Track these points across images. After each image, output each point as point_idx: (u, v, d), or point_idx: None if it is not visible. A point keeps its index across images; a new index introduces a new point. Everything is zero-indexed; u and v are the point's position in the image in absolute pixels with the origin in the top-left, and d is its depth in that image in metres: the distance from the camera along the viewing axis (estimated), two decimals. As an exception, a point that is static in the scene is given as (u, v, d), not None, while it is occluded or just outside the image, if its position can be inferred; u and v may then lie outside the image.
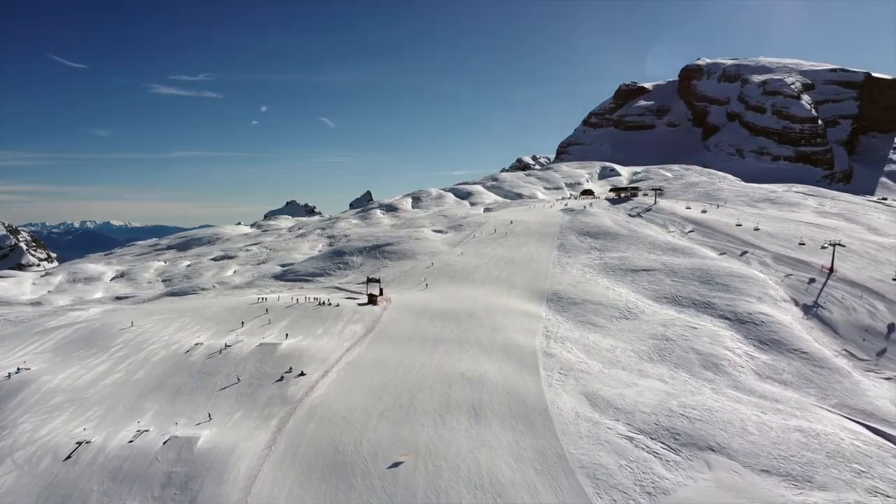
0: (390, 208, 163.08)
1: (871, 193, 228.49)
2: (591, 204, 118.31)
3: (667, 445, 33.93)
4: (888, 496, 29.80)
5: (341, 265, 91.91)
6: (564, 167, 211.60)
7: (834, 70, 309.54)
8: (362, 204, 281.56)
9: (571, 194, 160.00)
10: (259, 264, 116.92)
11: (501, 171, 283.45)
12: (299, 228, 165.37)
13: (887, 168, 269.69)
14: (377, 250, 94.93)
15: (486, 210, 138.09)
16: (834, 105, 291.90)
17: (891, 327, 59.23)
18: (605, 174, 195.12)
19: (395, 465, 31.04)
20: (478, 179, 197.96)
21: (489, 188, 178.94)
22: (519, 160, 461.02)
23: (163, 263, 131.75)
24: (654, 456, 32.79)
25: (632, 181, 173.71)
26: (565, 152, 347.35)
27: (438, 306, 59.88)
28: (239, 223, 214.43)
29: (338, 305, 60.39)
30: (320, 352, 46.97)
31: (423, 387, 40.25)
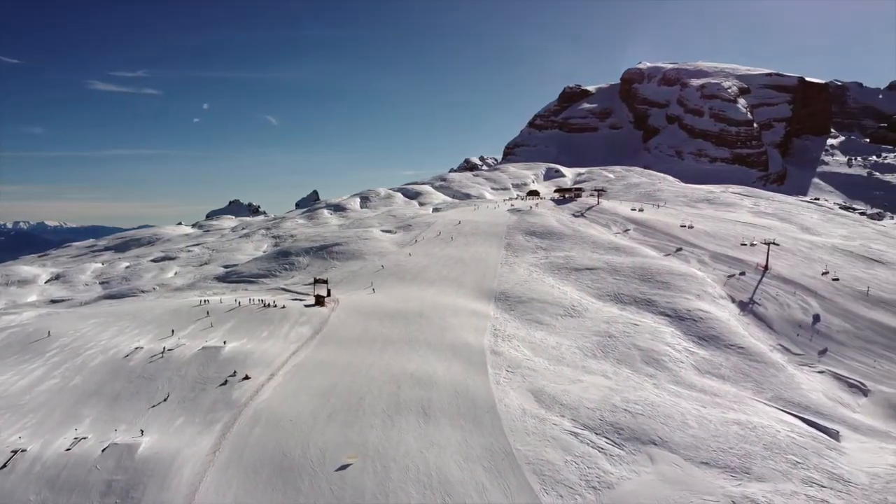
0: (338, 208, 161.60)
1: (804, 194, 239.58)
2: (536, 204, 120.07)
3: (611, 440, 34.81)
4: (823, 486, 31.24)
5: (287, 266, 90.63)
6: (511, 168, 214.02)
7: (769, 75, 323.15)
8: (309, 203, 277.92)
9: (518, 195, 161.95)
10: (201, 265, 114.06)
11: (450, 172, 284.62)
12: (243, 228, 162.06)
13: (819, 169, 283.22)
14: (324, 251, 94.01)
15: (435, 210, 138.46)
16: (769, 108, 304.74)
17: (815, 318, 62.37)
18: (550, 175, 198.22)
19: (343, 467, 30.86)
20: (427, 179, 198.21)
21: (438, 188, 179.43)
22: (467, 160, 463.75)
23: (100, 265, 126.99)
24: (599, 451, 33.59)
25: (576, 182, 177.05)
26: (512, 153, 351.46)
27: (387, 307, 59.74)
28: (180, 223, 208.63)
29: (283, 307, 59.51)
30: (266, 355, 46.22)
31: (372, 388, 40.12)
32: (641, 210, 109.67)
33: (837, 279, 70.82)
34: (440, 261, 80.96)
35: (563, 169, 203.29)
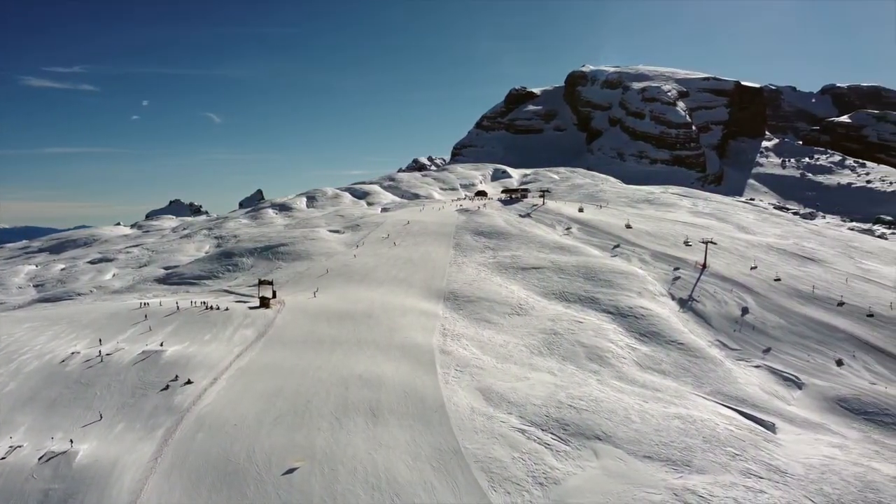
0: (283, 208, 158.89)
1: (740, 194, 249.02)
2: (484, 205, 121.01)
3: (557, 436, 35.48)
4: (761, 477, 32.57)
5: (230, 267, 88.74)
6: (459, 168, 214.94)
7: (707, 79, 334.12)
8: (253, 203, 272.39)
9: (466, 195, 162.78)
10: (140, 267, 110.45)
11: (398, 172, 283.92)
12: (184, 229, 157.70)
13: (754, 171, 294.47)
14: (269, 251, 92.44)
15: (384, 210, 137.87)
16: (707, 111, 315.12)
17: (744, 310, 65.10)
18: (497, 176, 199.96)
19: (290, 471, 30.48)
20: (375, 179, 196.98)
21: (386, 188, 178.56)
22: (415, 160, 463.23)
23: (34, 267, 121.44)
24: (546, 447, 34.20)
25: (522, 183, 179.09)
26: (460, 154, 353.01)
27: (335, 308, 59.23)
28: (118, 223, 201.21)
29: (227, 309, 58.27)
30: (208, 358, 45.19)
31: (319, 390, 39.73)
32: (581, 210, 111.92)
33: (779, 279, 73.60)
34: (389, 261, 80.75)
35: (510, 170, 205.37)
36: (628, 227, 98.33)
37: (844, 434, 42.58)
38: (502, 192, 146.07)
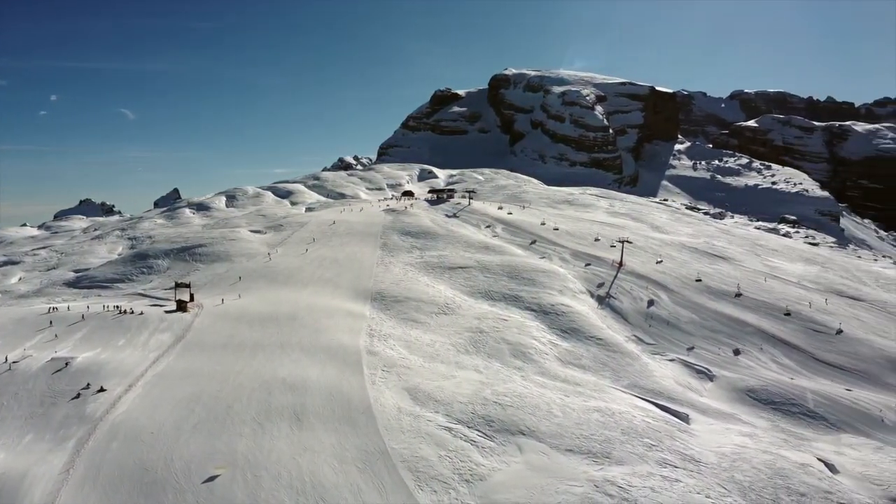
0: (201, 207, 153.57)
1: (654, 195, 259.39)
2: (411, 205, 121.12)
3: (482, 433, 35.95)
4: (676, 467, 33.89)
5: (145, 269, 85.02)
6: (386, 168, 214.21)
7: (623, 84, 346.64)
8: (169, 202, 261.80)
9: (393, 195, 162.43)
10: (49, 270, 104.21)
11: (323, 171, 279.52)
12: (95, 230, 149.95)
13: (668, 172, 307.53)
14: (187, 252, 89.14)
15: (308, 209, 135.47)
16: (623, 115, 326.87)
17: (650, 302, 68.26)
18: (423, 176, 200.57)
19: (211, 478, 29.55)
20: (299, 178, 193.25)
21: (311, 187, 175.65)
22: (341, 159, 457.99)
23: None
24: (471, 444, 34.59)
25: (448, 183, 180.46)
26: (386, 153, 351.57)
27: (257, 310, 57.79)
28: (24, 224, 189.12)
29: (142, 313, 55.86)
30: (123, 365, 43.18)
31: (241, 395, 38.68)
32: (502, 208, 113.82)
33: (700, 280, 76.90)
34: (314, 261, 79.50)
35: (436, 170, 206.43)
36: (543, 224, 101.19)
37: (754, 423, 45.04)
38: (429, 192, 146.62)
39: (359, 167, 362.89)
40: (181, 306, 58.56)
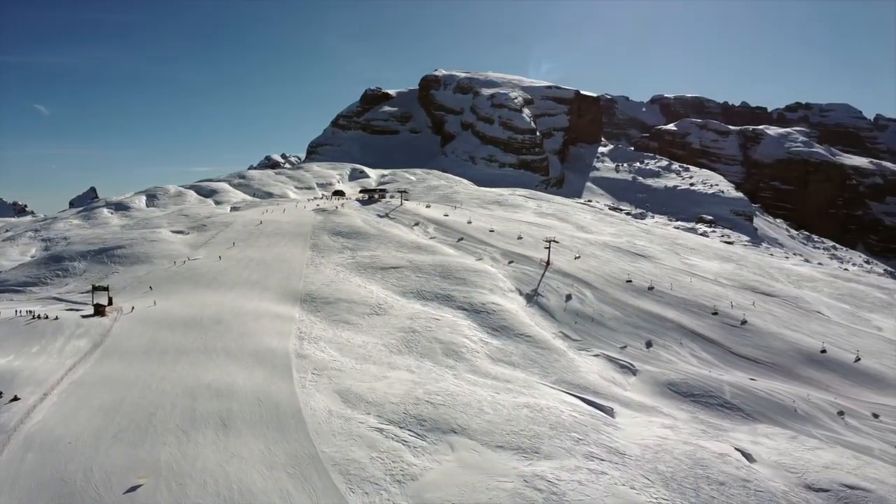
0: (120, 207, 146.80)
1: (579, 196, 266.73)
2: (342, 204, 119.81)
3: (414, 432, 36.00)
4: (602, 459, 34.83)
5: (60, 272, 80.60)
6: (315, 167, 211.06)
7: (549, 87, 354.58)
8: (85, 202, 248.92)
9: (323, 194, 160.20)
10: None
11: (249, 169, 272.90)
12: (6, 231, 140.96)
13: (592, 174, 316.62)
14: (105, 254, 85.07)
15: (234, 209, 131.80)
16: (549, 118, 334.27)
17: (567, 297, 70.90)
18: (354, 175, 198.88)
19: (133, 488, 28.37)
20: (224, 177, 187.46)
21: (236, 186, 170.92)
22: (268, 158, 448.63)
23: None
24: (403, 444, 34.58)
25: (380, 183, 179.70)
26: (315, 152, 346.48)
27: (180, 314, 55.78)
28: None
29: (56, 318, 52.95)
30: (37, 372, 40.82)
31: (164, 402, 37.28)
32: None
33: (630, 280, 79.21)
34: (240, 263, 77.38)
35: (368, 170, 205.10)
36: (470, 223, 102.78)
37: (675, 415, 46.78)
38: (360, 191, 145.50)
39: (287, 166, 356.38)
40: (99, 311, 55.90)
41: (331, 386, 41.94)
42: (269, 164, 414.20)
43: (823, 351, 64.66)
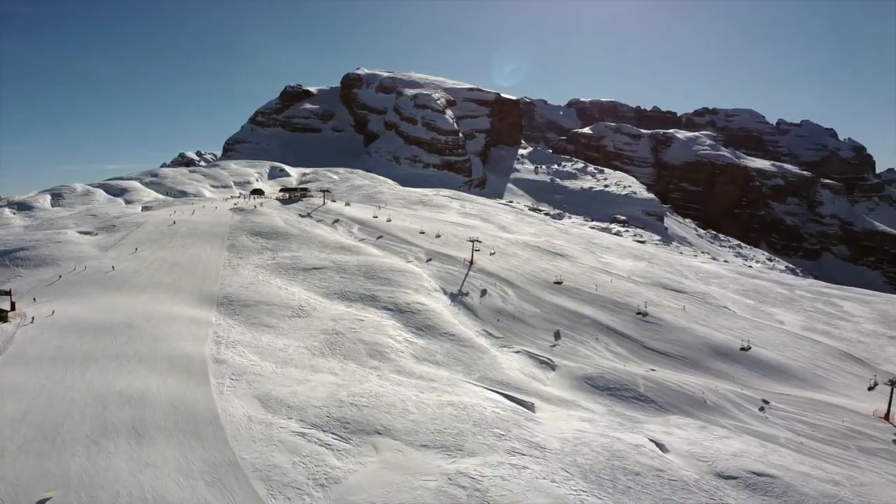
0: (23, 207, 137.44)
1: (501, 197, 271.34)
2: (261, 204, 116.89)
3: (337, 435, 35.66)
4: (524, 454, 35.46)
5: (-48, 277, 74.66)
6: (233, 165, 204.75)
7: (471, 89, 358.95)
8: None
9: (241, 193, 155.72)
10: None
11: (162, 167, 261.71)
12: None
13: (513, 176, 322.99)
14: (6, 257, 79.44)
15: (146, 209, 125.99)
16: (471, 120, 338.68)
17: (490, 295, 72.57)
18: (274, 174, 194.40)
19: (42, 501, 26.80)
20: (135, 175, 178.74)
21: (148, 184, 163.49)
22: (182, 155, 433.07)
23: None
24: (326, 448, 34.19)
25: (301, 182, 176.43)
26: (233, 150, 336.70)
27: (89, 319, 52.90)
28: None
29: (-52, 327, 49.14)
30: (-75, 385, 37.76)
31: (73, 412, 35.32)
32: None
33: (560, 282, 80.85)
34: (153, 265, 74.10)
35: (289, 168, 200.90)
36: (389, 221, 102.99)
37: (592, 409, 48.20)
38: (281, 190, 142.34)
39: (202, 164, 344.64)
40: (1, 316, 52.29)
41: (250, 391, 40.92)
42: (183, 161, 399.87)
43: (741, 347, 68.04)
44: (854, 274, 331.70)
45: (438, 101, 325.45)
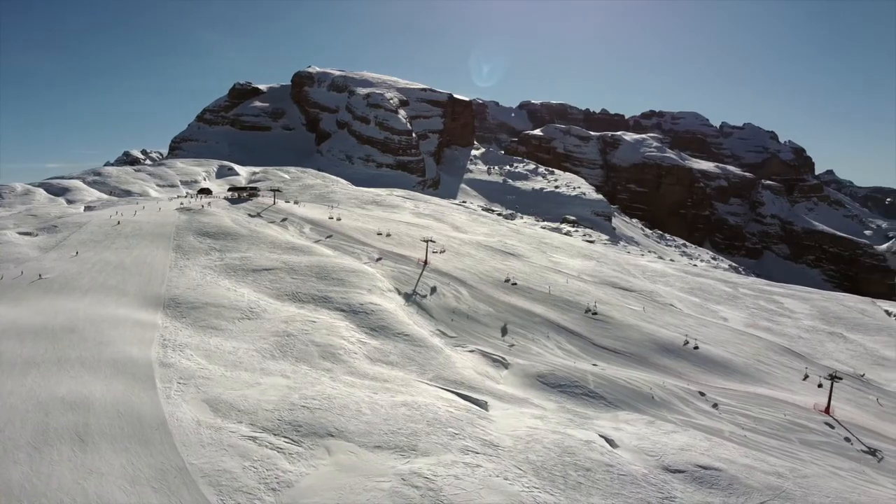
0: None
1: (454, 197, 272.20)
2: (209, 203, 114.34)
3: (289, 439, 35.31)
4: (477, 452, 35.81)
5: None
6: (179, 164, 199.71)
7: (424, 90, 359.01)
8: None
9: (188, 192, 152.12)
10: None
11: (106, 165, 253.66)
12: None
13: (466, 176, 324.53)
14: (-66, 259, 75.69)
15: (88, 208, 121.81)
16: (424, 120, 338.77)
17: (432, 290, 73.27)
18: (223, 173, 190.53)
19: (-24, 516, 25.77)
20: (77, 174, 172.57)
21: (91, 184, 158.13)
22: (127, 154, 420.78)
23: None
24: (278, 451, 33.83)
25: (251, 181, 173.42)
26: (179, 148, 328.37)
27: (29, 323, 50.90)
28: None
29: None
30: None
31: (13, 419, 34.00)
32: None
33: (515, 283, 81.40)
34: (96, 266, 71.71)
35: (238, 167, 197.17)
36: (339, 220, 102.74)
37: (544, 406, 48.72)
38: (229, 190, 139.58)
39: (148, 162, 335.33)
40: (-75, 322, 49.77)
41: (199, 395, 40.12)
42: (128, 160, 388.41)
43: (686, 343, 69.99)
44: (794, 272, 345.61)
45: (391, 101, 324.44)
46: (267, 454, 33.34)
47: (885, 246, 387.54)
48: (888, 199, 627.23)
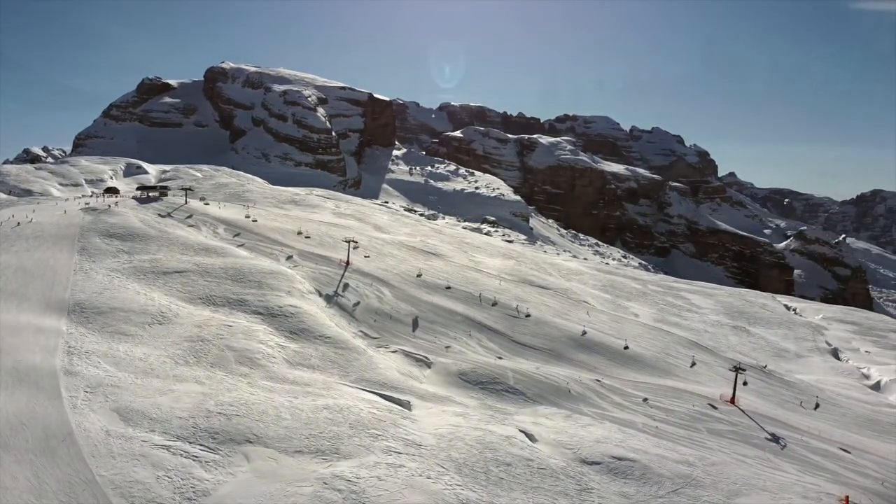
0: None
1: (376, 197, 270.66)
2: (116, 203, 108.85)
3: (206, 447, 34.36)
4: (400, 453, 36.01)
5: None
6: (84, 162, 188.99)
7: (343, 88, 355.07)
8: None
9: (94, 192, 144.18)
10: None
11: (5, 164, 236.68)
12: None
13: (388, 176, 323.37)
14: None
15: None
16: (344, 119, 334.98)
17: (366, 296, 72.73)
18: (131, 171, 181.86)
19: None
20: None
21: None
22: (27, 151, 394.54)
23: None
24: (194, 460, 32.88)
25: (161, 180, 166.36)
26: (84, 145, 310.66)
27: None
28: None
29: None
30: None
31: None
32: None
33: (450, 287, 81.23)
34: (-11, 271, 66.94)
35: (147, 165, 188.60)
36: (255, 220, 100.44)
37: (466, 403, 49.49)
38: (138, 189, 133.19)
39: (49, 160, 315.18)
40: None
41: (108, 404, 38.37)
42: (28, 158, 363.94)
43: (584, 333, 72.62)
44: (699, 269, 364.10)
45: (309, 99, 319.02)
46: (182, 463, 32.34)
47: (783, 244, 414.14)
48: (786, 200, 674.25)
